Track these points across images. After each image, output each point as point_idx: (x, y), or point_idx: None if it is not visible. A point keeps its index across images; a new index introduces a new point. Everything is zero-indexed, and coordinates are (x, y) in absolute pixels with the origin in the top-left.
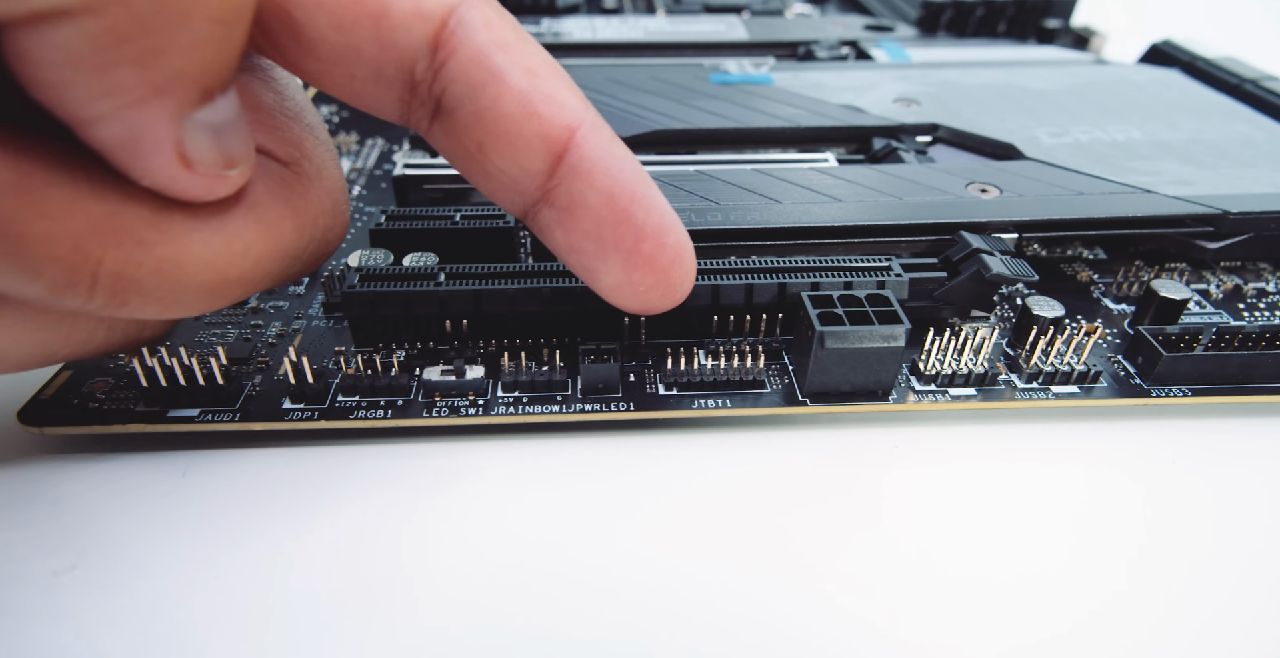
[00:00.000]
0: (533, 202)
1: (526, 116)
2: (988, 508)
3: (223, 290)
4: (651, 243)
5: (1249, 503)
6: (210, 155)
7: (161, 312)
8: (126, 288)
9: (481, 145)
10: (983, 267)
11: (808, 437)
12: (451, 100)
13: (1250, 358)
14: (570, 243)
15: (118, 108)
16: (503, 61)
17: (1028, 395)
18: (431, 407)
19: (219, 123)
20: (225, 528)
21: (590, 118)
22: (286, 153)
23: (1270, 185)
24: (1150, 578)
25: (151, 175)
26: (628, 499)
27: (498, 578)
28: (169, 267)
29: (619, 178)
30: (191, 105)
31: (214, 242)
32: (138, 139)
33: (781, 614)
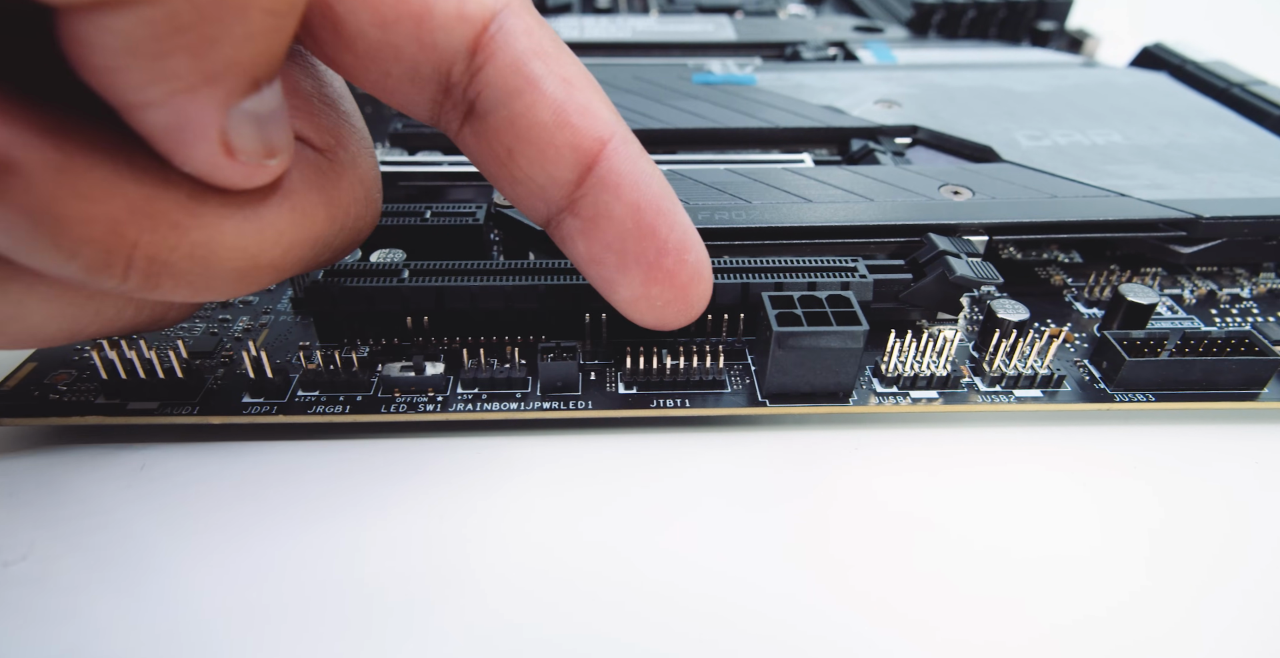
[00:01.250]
0: (558, 210)
1: (559, 126)
2: (946, 511)
3: (253, 276)
4: (673, 259)
5: (1206, 510)
6: (253, 144)
7: (192, 295)
8: (160, 271)
9: (512, 151)
10: (947, 269)
11: (768, 438)
12: (485, 104)
13: (1214, 364)
14: (592, 254)
15: (168, 94)
16: (540, 69)
17: (990, 399)
18: (390, 403)
19: (264, 113)
20: (182, 522)
21: (621, 131)
22: (323, 140)
23: (1246, 190)
24: (1106, 583)
25: (194, 163)
26: (584, 498)
27: (449, 576)
28: (202, 251)
29: (646, 192)
30: (240, 95)
31: (247, 228)
32: (185, 126)
33: (729, 614)
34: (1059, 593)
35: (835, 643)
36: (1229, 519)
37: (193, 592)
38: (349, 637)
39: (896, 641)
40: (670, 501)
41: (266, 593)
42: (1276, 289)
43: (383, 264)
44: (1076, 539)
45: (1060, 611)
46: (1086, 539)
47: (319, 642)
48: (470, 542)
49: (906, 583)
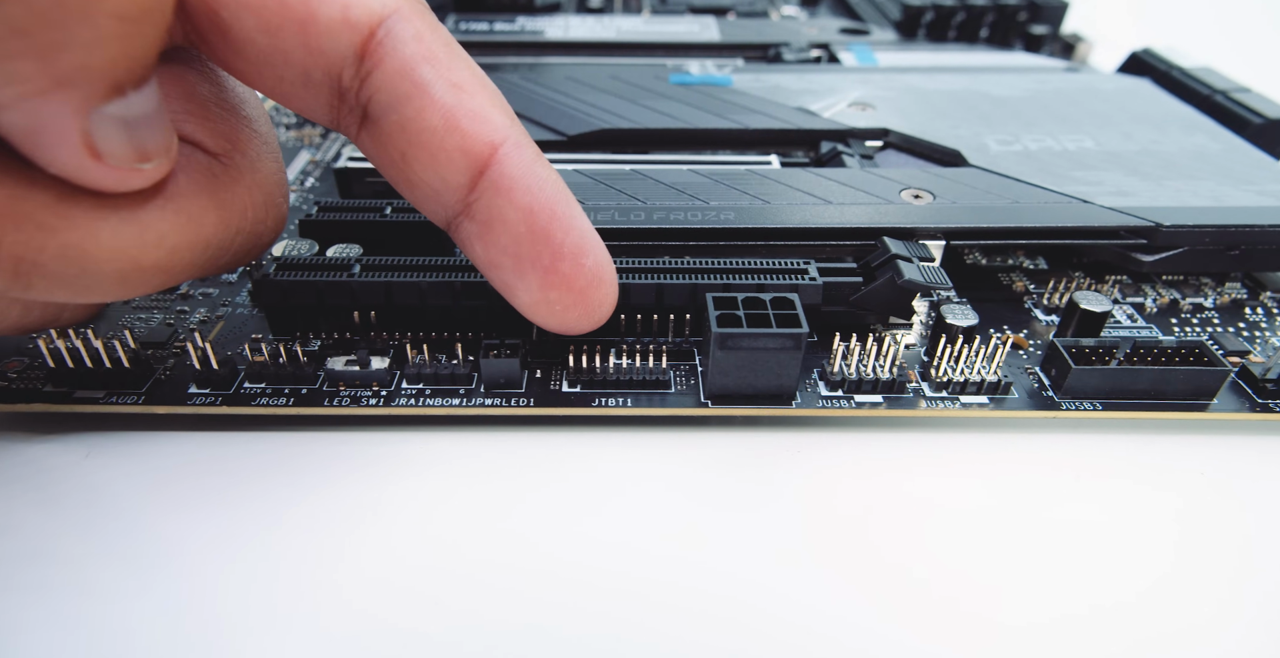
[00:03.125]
0: (454, 214)
1: (449, 130)
2: (882, 516)
3: (137, 278)
4: (569, 263)
5: (1147, 520)
6: (121, 149)
7: (74, 296)
8: (30, 271)
9: (405, 155)
10: (896, 273)
11: (711, 439)
12: (377, 109)
13: (1162, 374)
14: (489, 258)
15: (18, 98)
16: (428, 75)
17: (935, 404)
18: (334, 396)
19: (132, 117)
20: (125, 510)
21: (515, 135)
22: (217, 144)
23: (1210, 199)
24: (1043, 591)
25: (58, 165)
26: (520, 493)
27: (388, 572)
28: (74, 253)
29: (539, 196)
30: (98, 99)
31: (124, 231)
32: (41, 129)
33: (658, 616)
34: (995, 601)
35: (767, 641)
36: (1171, 530)
37: (132, 577)
38: (273, 628)
39: (834, 642)
40: (605, 497)
41: (197, 581)
42: (1240, 299)
43: (334, 259)
44: (1013, 548)
45: (995, 620)
46: (1023, 548)
47: (247, 634)
48: (404, 535)
49: (836, 587)
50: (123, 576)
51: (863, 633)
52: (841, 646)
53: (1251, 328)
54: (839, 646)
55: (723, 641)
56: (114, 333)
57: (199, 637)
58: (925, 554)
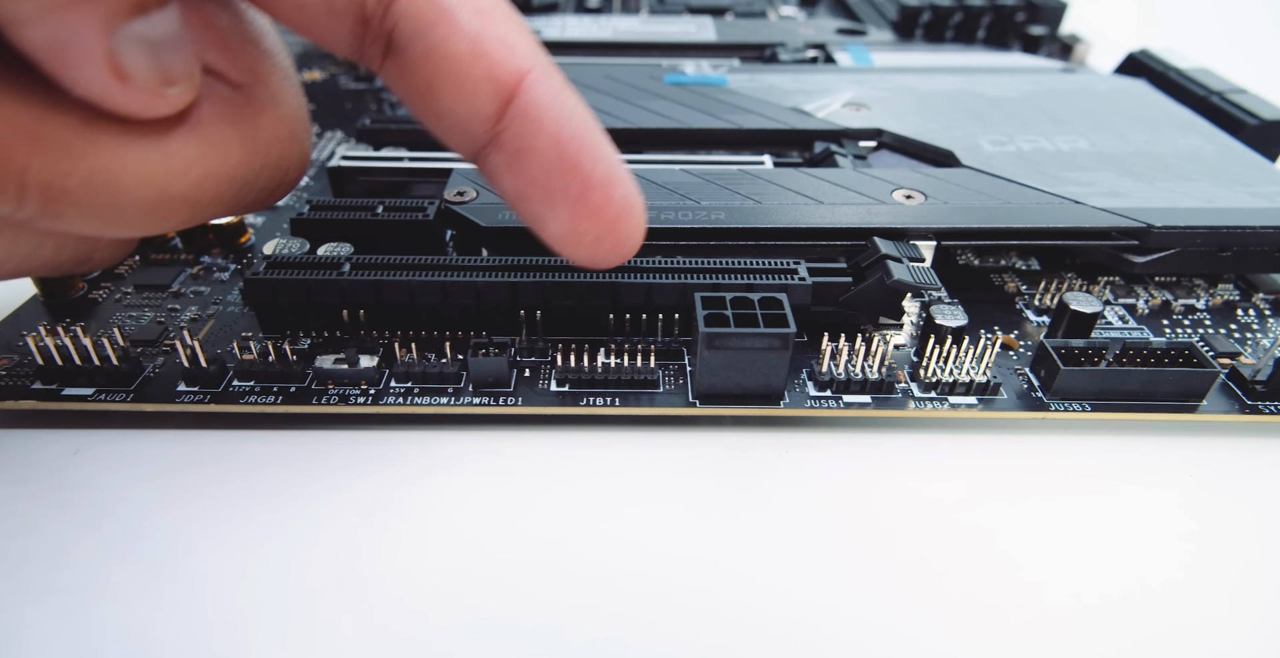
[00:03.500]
0: (481, 145)
1: (475, 57)
2: (870, 517)
3: (165, 209)
4: (599, 193)
5: (1135, 522)
6: (146, 70)
7: (104, 227)
8: (58, 197)
9: (431, 84)
10: (885, 273)
11: (698, 439)
12: (402, 37)
13: (1151, 375)
14: (518, 189)
15: (41, 9)
16: (453, 1)
17: (923, 405)
18: (323, 394)
19: (155, 37)
20: (114, 507)
21: (542, 64)
22: (240, 76)
23: (1202, 200)
24: (1030, 592)
25: (84, 85)
26: (509, 493)
27: (366, 568)
28: (101, 179)
29: (568, 125)
30: (122, 16)
31: (150, 158)
32: (66, 45)
33: (641, 612)
34: (981, 601)
35: (752, 637)
36: (1157, 531)
37: (113, 575)
38: (261, 627)
39: (815, 638)
40: (593, 498)
41: (184, 578)
42: (1232, 301)
43: (324, 257)
44: (1000, 549)
45: (983, 620)
46: (1010, 549)
47: (232, 632)
48: (388, 535)
49: (822, 586)
50: (112, 572)
51: (848, 630)
52: (830, 641)
53: (1243, 329)
54: (826, 641)
55: (706, 636)
56: (104, 331)
57: (187, 636)
58: (912, 554)
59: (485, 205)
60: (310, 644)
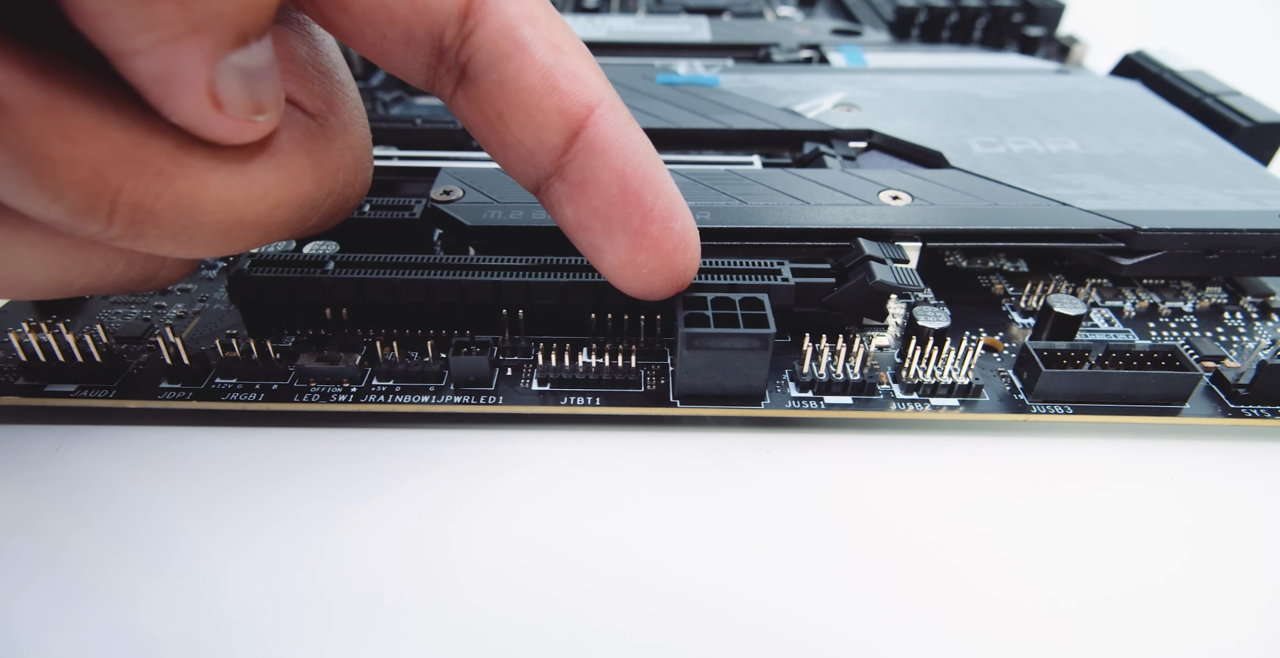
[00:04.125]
0: (546, 175)
1: (547, 90)
2: (849, 518)
3: (238, 232)
4: (659, 226)
5: (1115, 525)
6: (241, 99)
7: (178, 248)
8: (144, 219)
9: (502, 115)
10: (868, 274)
11: (680, 439)
12: (476, 68)
13: (1133, 378)
14: (579, 219)
15: (155, 43)
16: (529, 34)
17: (905, 406)
18: (304, 392)
19: (252, 68)
20: (94, 502)
21: (610, 98)
22: (315, 105)
23: (1190, 202)
24: (1008, 596)
25: (182, 113)
26: (491, 492)
27: (357, 567)
28: (186, 202)
29: (632, 159)
30: (227, 47)
31: (232, 183)
32: (172, 76)
33: (624, 617)
34: (958, 605)
35: (740, 641)
36: (1135, 534)
37: (93, 569)
38: (240, 624)
39: (803, 643)
40: (572, 497)
41: (162, 574)
42: (1220, 304)
43: (309, 255)
44: (980, 552)
45: (959, 624)
46: (990, 552)
47: (213, 629)
48: (367, 533)
49: (801, 587)
50: (91, 566)
51: (830, 629)
52: (810, 641)
53: (1230, 333)
54: (806, 641)
55: (684, 633)
56: (89, 327)
57: (167, 631)
58: (891, 555)
59: (471, 204)
60: (297, 643)
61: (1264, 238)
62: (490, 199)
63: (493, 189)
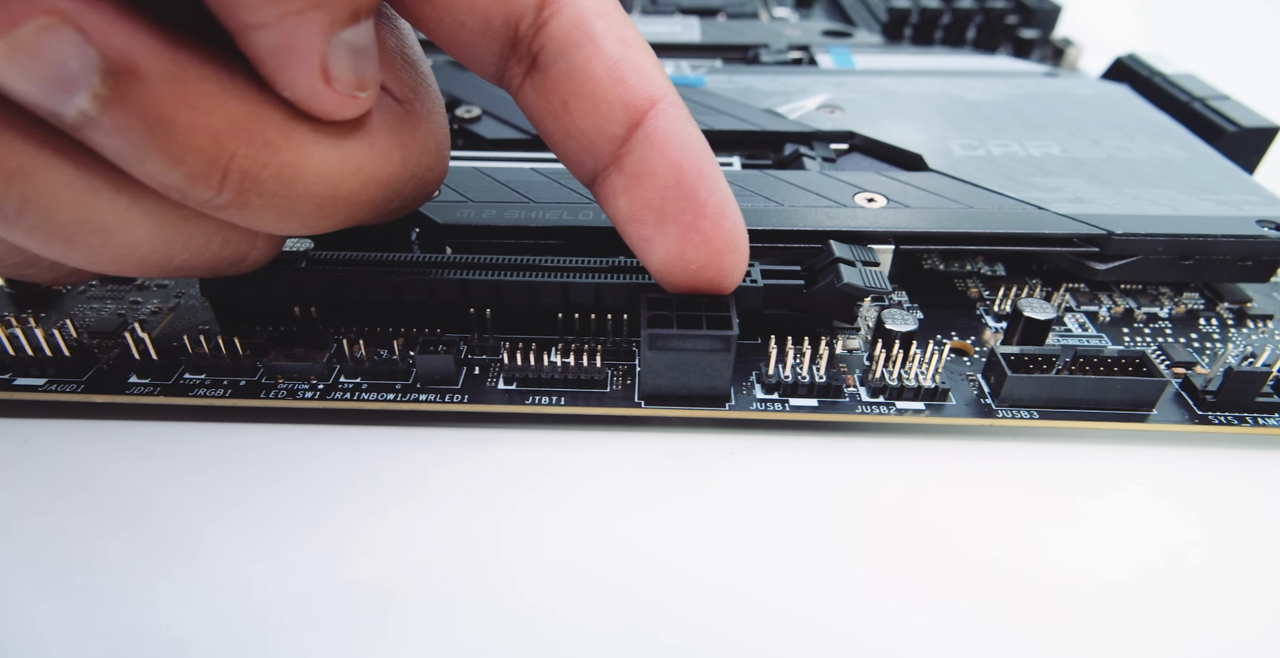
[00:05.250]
0: (604, 166)
1: (613, 81)
2: (809, 521)
3: (331, 207)
4: (710, 223)
5: (1076, 530)
6: (348, 74)
7: (276, 220)
8: (250, 187)
9: (567, 103)
10: (835, 277)
11: (645, 440)
12: (546, 58)
13: (1099, 383)
14: (632, 211)
15: (280, 16)
16: (600, 28)
17: (870, 410)
18: (272, 389)
19: (359, 45)
20: (62, 495)
21: (671, 94)
22: (402, 92)
23: (1167, 207)
24: (963, 600)
25: (295, 86)
26: (455, 491)
27: (322, 565)
28: (289, 173)
29: (689, 153)
30: (342, 23)
31: (331, 156)
32: (291, 48)
33: (571, 618)
34: (914, 608)
35: (700, 640)
36: (1095, 541)
37: (55, 563)
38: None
39: (764, 646)
40: (535, 497)
41: (122, 565)
42: (1196, 310)
43: (282, 252)
44: (939, 555)
45: (917, 628)
46: (949, 556)
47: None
48: (330, 530)
49: (754, 589)
50: (58, 558)
51: (787, 629)
52: (771, 640)
53: (1204, 339)
54: (769, 639)
55: (643, 632)
56: (60, 321)
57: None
58: (848, 557)
59: (444, 203)
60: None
61: (1238, 244)
62: (465, 198)
63: (468, 188)
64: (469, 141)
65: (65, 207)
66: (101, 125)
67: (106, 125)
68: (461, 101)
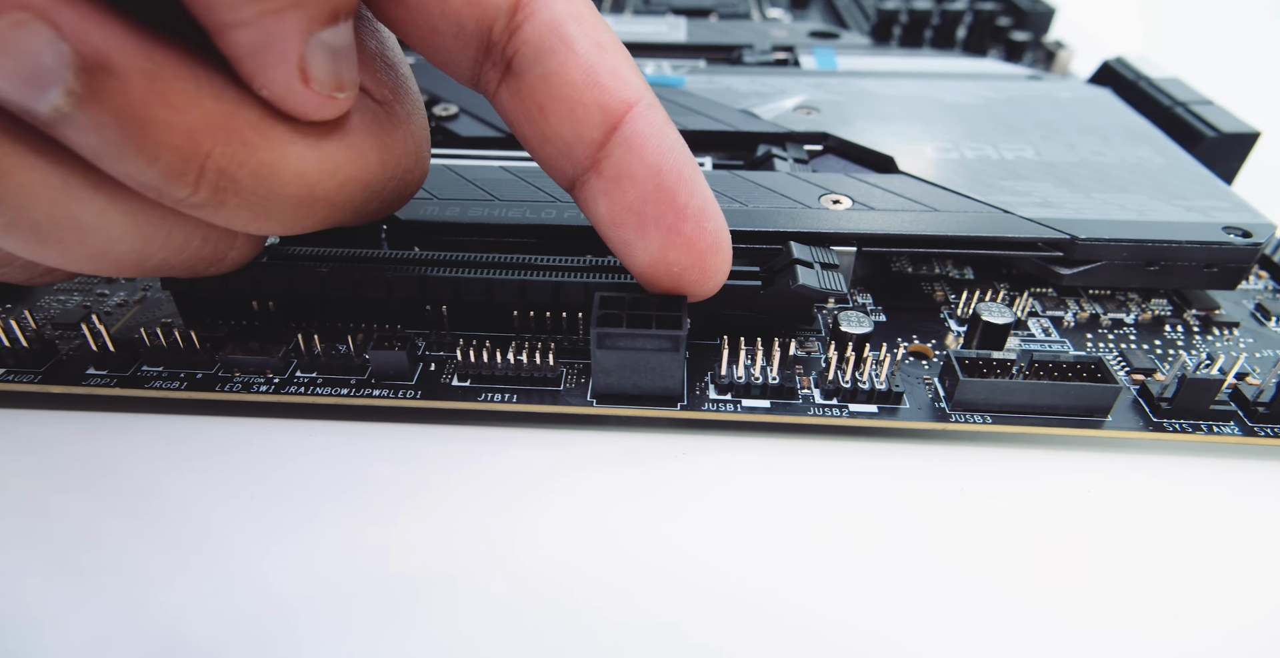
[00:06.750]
0: (583, 170)
1: (589, 85)
2: (757, 523)
3: (309, 207)
4: (692, 225)
5: (1022, 534)
6: (326, 74)
7: (253, 220)
8: (227, 186)
9: (543, 108)
10: (791, 278)
11: (598, 438)
12: (521, 62)
13: (1053, 389)
14: (613, 215)
15: (259, 15)
16: (575, 31)
17: (823, 412)
18: (228, 382)
19: (337, 46)
20: (16, 486)
21: (648, 97)
22: (382, 94)
23: (1135, 213)
24: (908, 603)
25: (273, 86)
26: (398, 488)
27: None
28: (266, 172)
29: (668, 156)
30: (320, 24)
31: (308, 156)
32: (269, 48)
33: (507, 619)
34: (858, 613)
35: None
36: (1042, 547)
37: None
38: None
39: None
40: (481, 494)
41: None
42: (1163, 316)
43: None
44: (880, 558)
45: (858, 633)
46: (890, 558)
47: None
48: (288, 526)
49: (704, 587)
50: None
51: (737, 635)
52: (719, 646)
53: (1167, 346)
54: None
55: (584, 634)
56: (11, 314)
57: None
58: (792, 560)
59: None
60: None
61: (1203, 250)
62: (431, 195)
63: (435, 186)
64: (446, 139)
65: (41, 205)
66: (76, 122)
67: (81, 122)
68: (439, 99)
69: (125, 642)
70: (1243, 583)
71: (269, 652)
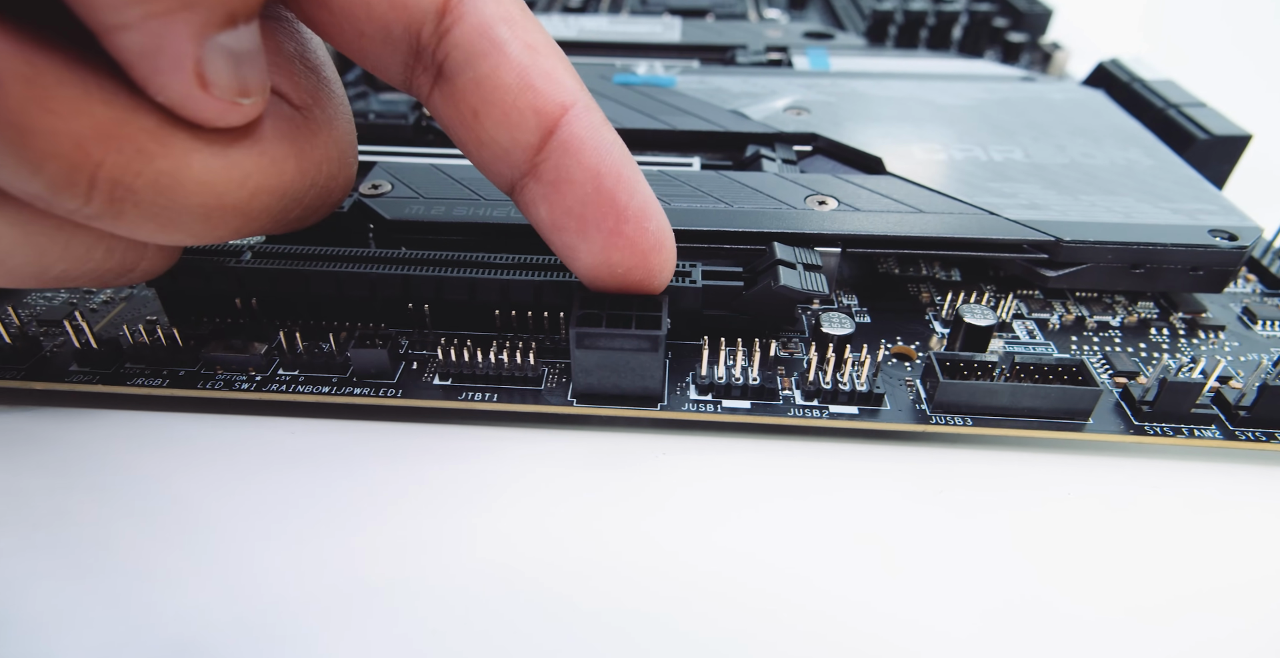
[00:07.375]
0: (521, 174)
1: (522, 88)
2: (732, 523)
3: (218, 217)
4: (633, 226)
5: (1000, 540)
6: (227, 80)
7: (157, 231)
8: (123, 196)
9: (477, 113)
10: (773, 278)
11: (578, 438)
12: (452, 66)
13: (1033, 391)
14: (553, 219)
15: (144, 17)
16: (505, 34)
17: (803, 413)
18: (210, 379)
19: (239, 50)
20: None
21: (584, 99)
22: (300, 98)
23: (1121, 215)
24: (883, 609)
25: (168, 91)
26: (377, 487)
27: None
28: (166, 181)
29: (606, 158)
30: (216, 26)
31: (214, 165)
32: (159, 52)
33: (486, 617)
34: (834, 615)
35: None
36: (1020, 550)
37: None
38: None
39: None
40: (462, 493)
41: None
42: (1149, 319)
43: (229, 246)
44: (860, 560)
45: (831, 636)
46: (869, 560)
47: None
48: (269, 525)
49: (683, 588)
50: None
51: (711, 635)
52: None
53: (1152, 349)
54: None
55: (558, 633)
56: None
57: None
58: (776, 559)
59: (395, 199)
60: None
61: (1188, 253)
62: (417, 194)
63: (420, 185)
64: (436, 138)
65: None
66: None
67: None
68: None
69: (80, 630)
70: (1223, 586)
71: (242, 651)
